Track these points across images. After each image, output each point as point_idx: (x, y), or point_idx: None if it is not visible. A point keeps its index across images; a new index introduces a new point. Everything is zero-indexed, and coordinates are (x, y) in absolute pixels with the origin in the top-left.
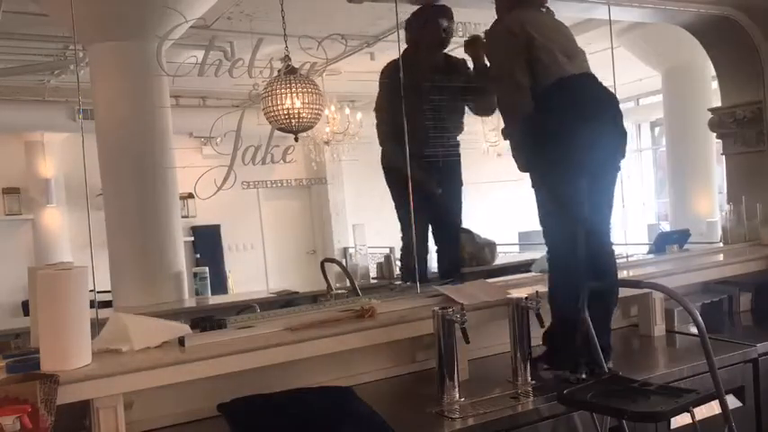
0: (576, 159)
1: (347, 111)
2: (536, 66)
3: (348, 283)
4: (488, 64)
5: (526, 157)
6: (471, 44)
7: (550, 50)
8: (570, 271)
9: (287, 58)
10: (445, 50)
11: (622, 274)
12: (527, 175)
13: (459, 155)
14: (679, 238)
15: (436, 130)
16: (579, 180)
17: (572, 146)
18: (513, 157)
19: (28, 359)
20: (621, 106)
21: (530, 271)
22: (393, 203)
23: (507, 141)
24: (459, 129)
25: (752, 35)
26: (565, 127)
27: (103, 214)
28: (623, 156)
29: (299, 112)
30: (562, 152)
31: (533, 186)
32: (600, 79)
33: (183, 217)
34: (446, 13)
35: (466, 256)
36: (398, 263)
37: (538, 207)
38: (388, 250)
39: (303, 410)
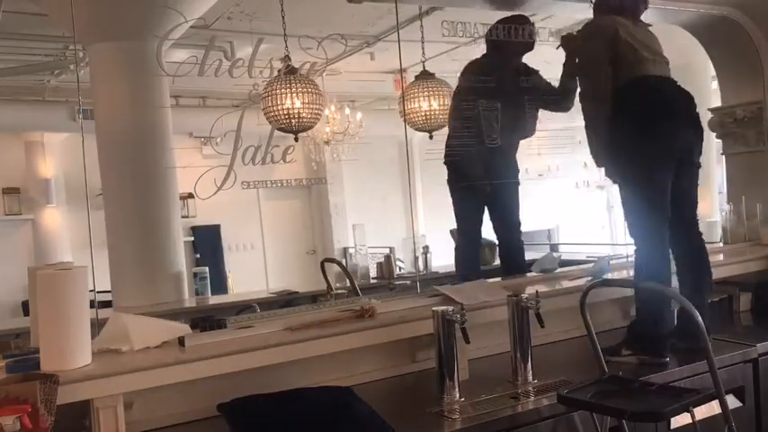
0: (658, 154)
1: (347, 111)
2: (621, 62)
3: (348, 283)
4: (578, 59)
5: (606, 155)
6: (567, 40)
7: (635, 49)
8: (658, 261)
9: (287, 58)
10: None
11: (622, 274)
12: (527, 174)
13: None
14: None
15: (507, 130)
16: (663, 174)
17: (653, 141)
18: (592, 153)
19: (28, 359)
20: None
21: (531, 271)
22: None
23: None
24: (532, 131)
25: (752, 35)
26: (647, 123)
27: (103, 214)
28: (700, 152)
29: (299, 112)
30: (644, 148)
31: (618, 185)
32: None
33: (183, 217)
34: (528, 21)
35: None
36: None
37: (623, 204)
38: (387, 250)
39: (303, 410)
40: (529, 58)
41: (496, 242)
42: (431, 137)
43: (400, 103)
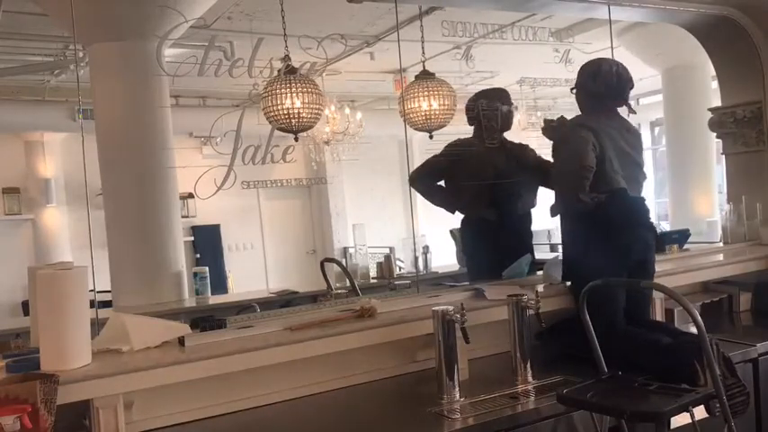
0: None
1: (347, 111)
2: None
3: (348, 283)
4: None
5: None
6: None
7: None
8: None
9: (287, 58)
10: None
11: None
12: None
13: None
14: (679, 237)
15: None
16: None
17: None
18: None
19: (28, 359)
20: None
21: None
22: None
23: None
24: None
25: (752, 35)
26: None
27: (103, 214)
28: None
29: (299, 112)
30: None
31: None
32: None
33: (183, 217)
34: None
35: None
36: None
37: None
38: (387, 250)
39: None
40: (528, 61)
41: None
42: (431, 137)
43: (400, 103)
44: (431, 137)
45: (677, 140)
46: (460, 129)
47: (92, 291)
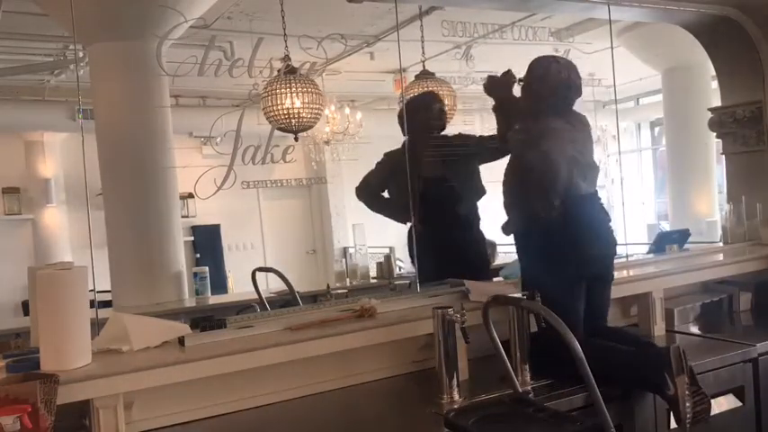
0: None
1: (347, 110)
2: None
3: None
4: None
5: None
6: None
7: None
8: None
9: (287, 58)
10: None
11: (622, 274)
12: None
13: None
14: (679, 237)
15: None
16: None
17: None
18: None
19: (28, 359)
20: (621, 106)
21: None
22: None
23: None
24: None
25: (752, 35)
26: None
27: (103, 214)
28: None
29: (298, 112)
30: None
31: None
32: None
33: (183, 217)
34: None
35: None
36: None
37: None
38: (387, 250)
39: None
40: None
41: (495, 242)
42: None
43: (400, 103)
44: None
45: (677, 140)
46: (460, 129)
47: (92, 291)
